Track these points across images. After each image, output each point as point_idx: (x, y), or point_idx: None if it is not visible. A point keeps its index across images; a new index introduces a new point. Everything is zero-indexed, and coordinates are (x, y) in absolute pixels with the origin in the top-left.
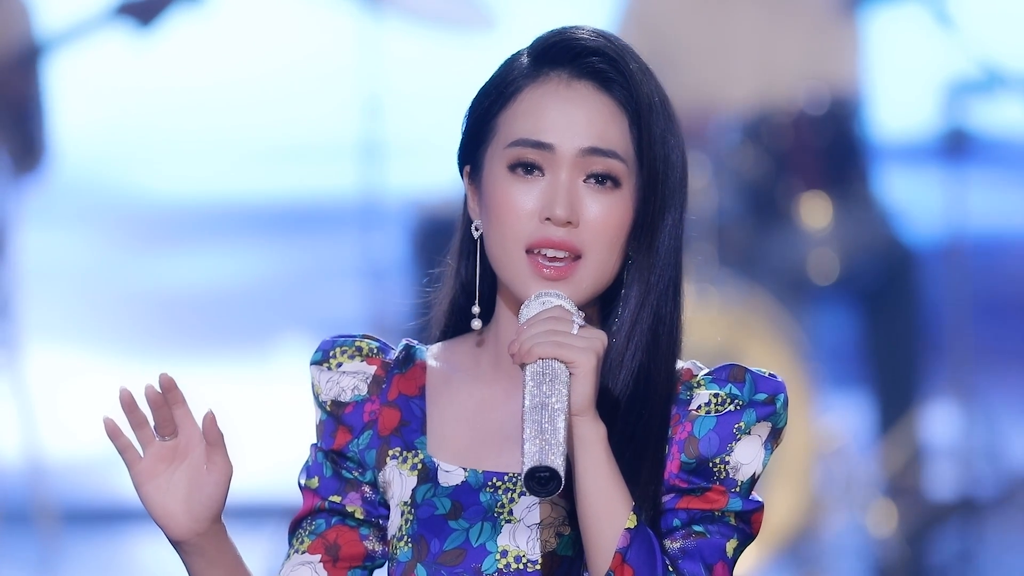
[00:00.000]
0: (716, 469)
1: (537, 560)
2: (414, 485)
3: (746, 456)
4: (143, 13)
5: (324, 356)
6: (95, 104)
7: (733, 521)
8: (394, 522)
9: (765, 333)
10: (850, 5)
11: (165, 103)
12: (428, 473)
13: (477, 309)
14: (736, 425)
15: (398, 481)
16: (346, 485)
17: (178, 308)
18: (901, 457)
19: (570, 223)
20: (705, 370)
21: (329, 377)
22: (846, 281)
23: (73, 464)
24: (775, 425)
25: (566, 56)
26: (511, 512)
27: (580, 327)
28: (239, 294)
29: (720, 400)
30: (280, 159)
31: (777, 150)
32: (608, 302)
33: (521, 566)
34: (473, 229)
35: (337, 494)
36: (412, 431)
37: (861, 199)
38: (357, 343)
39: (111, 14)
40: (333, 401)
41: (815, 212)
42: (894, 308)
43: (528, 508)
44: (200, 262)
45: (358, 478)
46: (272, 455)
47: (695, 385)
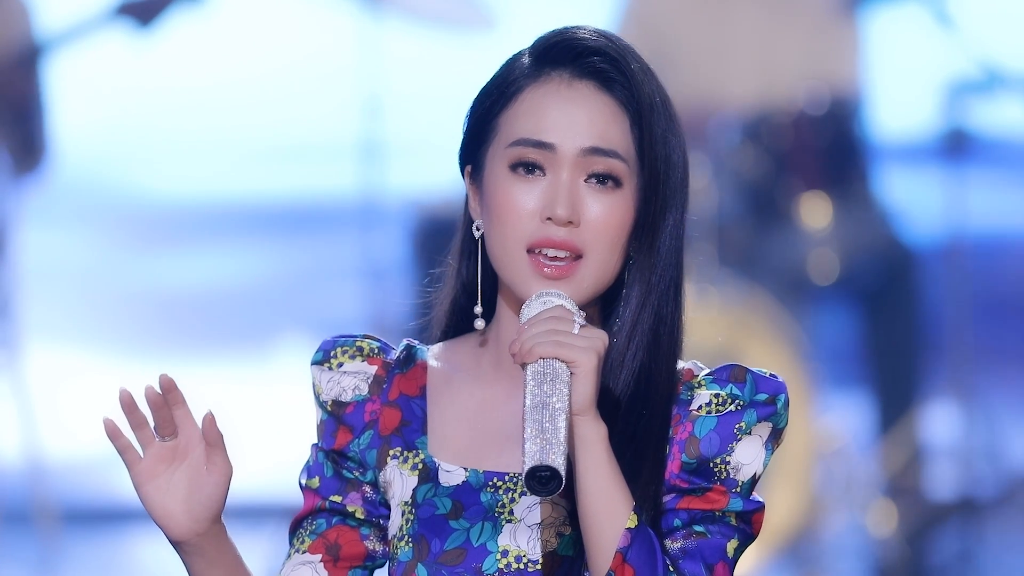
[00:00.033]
0: (717, 469)
1: (538, 560)
2: (415, 485)
3: (747, 456)
4: (143, 13)
5: (325, 356)
6: (95, 104)
7: (734, 521)
8: (395, 522)
9: (765, 333)
10: (850, 5)
11: (165, 103)
12: (429, 473)
13: (480, 309)
14: (737, 425)
15: (399, 481)
16: (347, 485)
17: (178, 308)
18: (901, 457)
19: (571, 223)
20: (706, 370)
21: (330, 377)
22: (846, 281)
23: (73, 464)
24: (776, 425)
25: (568, 56)
26: (512, 512)
27: (581, 327)
28: (239, 294)
29: (721, 400)
30: (280, 159)
31: (777, 150)
32: (609, 302)
33: (522, 566)
34: (474, 229)
35: (338, 494)
36: (413, 431)
37: (861, 199)
38: (358, 343)
39: (111, 14)
40: (334, 401)
41: (815, 212)
42: (894, 308)
43: (529, 508)
44: (200, 262)
45: (359, 478)
46: (272, 455)
47: (696, 385)
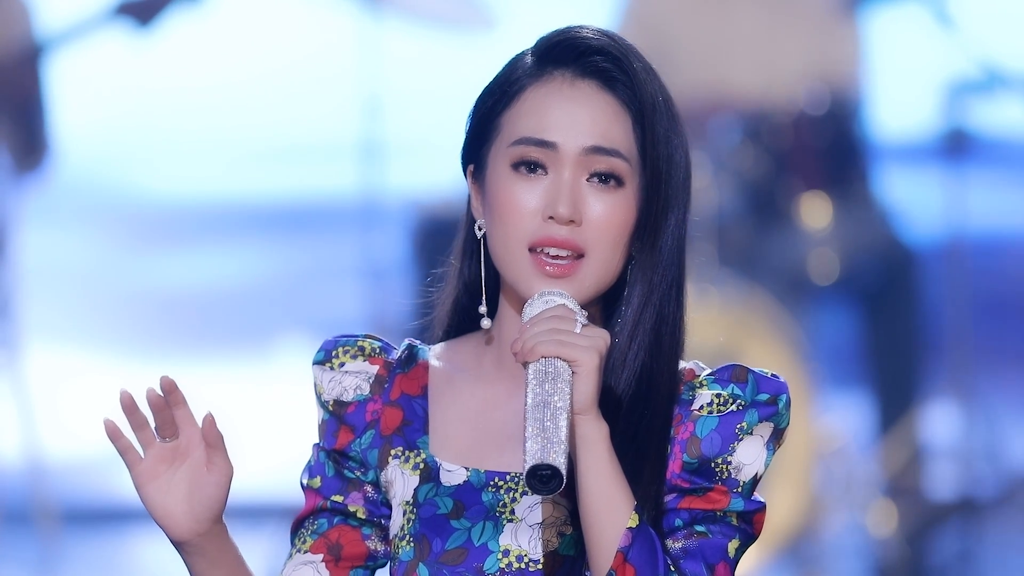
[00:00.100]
0: (718, 469)
1: (539, 559)
2: (416, 484)
3: (748, 456)
4: (142, 13)
5: (326, 356)
6: (95, 104)
7: (735, 521)
8: (396, 521)
9: (765, 333)
10: (850, 5)
11: (165, 103)
12: (430, 472)
13: (484, 308)
14: (738, 425)
15: (400, 481)
16: (348, 485)
17: (178, 308)
18: (901, 457)
19: (573, 222)
20: (707, 370)
21: (331, 377)
22: (846, 281)
23: (73, 464)
24: (777, 425)
25: (570, 55)
26: (513, 511)
27: (583, 326)
28: (239, 294)
29: (722, 400)
30: (280, 159)
31: (777, 150)
32: (611, 301)
33: (523, 565)
34: (476, 228)
35: (339, 494)
36: (414, 431)
37: (861, 199)
38: (359, 343)
39: (110, 14)
40: (335, 401)
41: (815, 212)
42: (894, 308)
43: (530, 507)
44: (200, 262)
45: (360, 478)
46: (272, 455)
47: (697, 385)
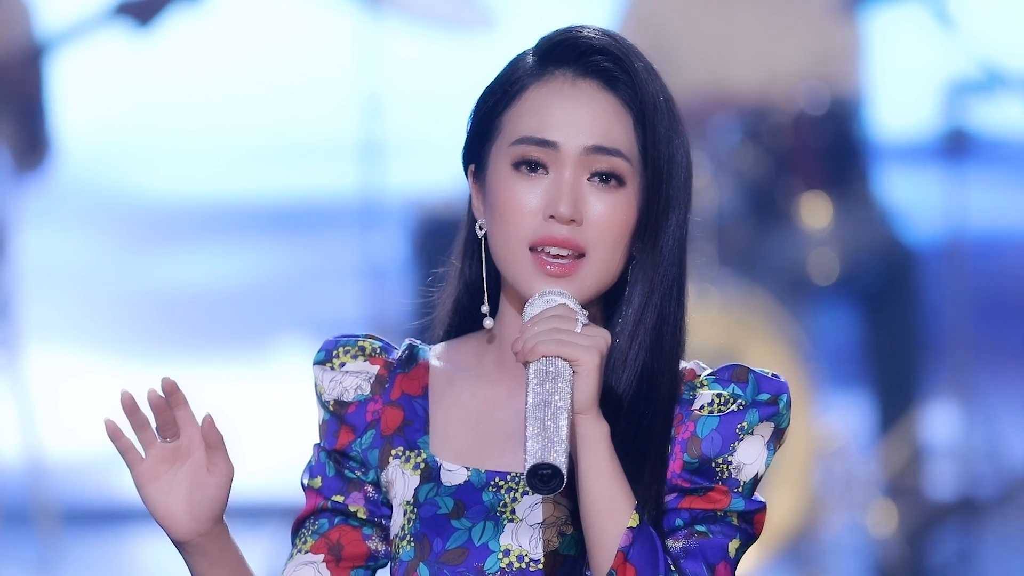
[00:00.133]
0: (719, 469)
1: (539, 559)
2: (417, 484)
3: (749, 456)
4: (142, 13)
5: (327, 356)
6: (95, 104)
7: (735, 521)
8: (396, 521)
9: (765, 333)
10: (850, 5)
11: (165, 103)
12: (431, 472)
13: (486, 308)
14: (739, 425)
15: (401, 480)
16: (349, 485)
17: (178, 308)
18: (901, 457)
19: (574, 221)
20: (708, 370)
21: (332, 377)
22: (846, 281)
23: (73, 464)
24: (778, 425)
25: (571, 55)
26: (513, 511)
27: (584, 325)
28: (239, 294)
29: (723, 400)
30: (280, 159)
31: (777, 150)
32: (612, 301)
33: (523, 565)
34: (477, 228)
35: (340, 494)
36: (415, 430)
37: (861, 199)
38: (360, 343)
39: (110, 14)
40: (336, 401)
41: (815, 212)
42: (894, 308)
43: (530, 507)
44: (200, 262)
45: (361, 478)
46: (272, 455)
47: (698, 385)
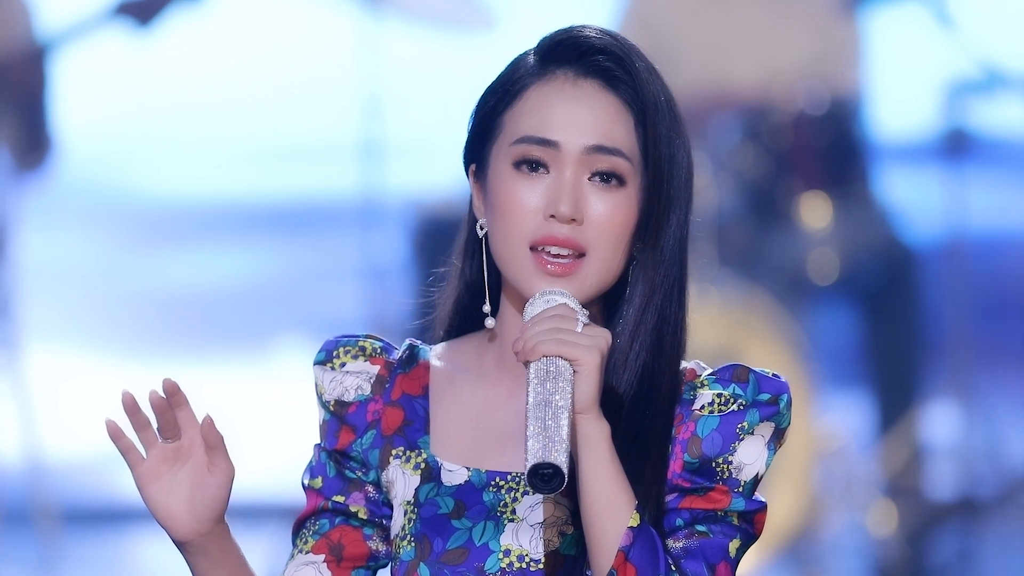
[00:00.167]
0: (719, 469)
1: (540, 559)
2: (417, 484)
3: (749, 456)
4: (142, 13)
5: (327, 356)
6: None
7: (736, 521)
8: (397, 521)
9: (765, 333)
10: (850, 5)
11: (165, 103)
12: (431, 472)
13: (488, 308)
14: (739, 425)
15: (401, 480)
16: (349, 485)
17: (178, 308)
18: (901, 457)
19: (574, 220)
20: (709, 370)
21: (332, 377)
22: (846, 281)
23: (73, 464)
24: (778, 425)
25: (572, 54)
26: (514, 511)
27: (585, 325)
28: (239, 294)
29: (723, 400)
30: (280, 159)
31: (777, 150)
32: (612, 301)
33: (524, 565)
34: (478, 228)
35: (340, 494)
36: (415, 430)
37: (861, 199)
38: (360, 343)
39: (110, 14)
40: (336, 401)
41: (815, 212)
42: (894, 308)
43: (531, 507)
44: (200, 262)
45: (361, 478)
46: (272, 455)
47: (698, 385)
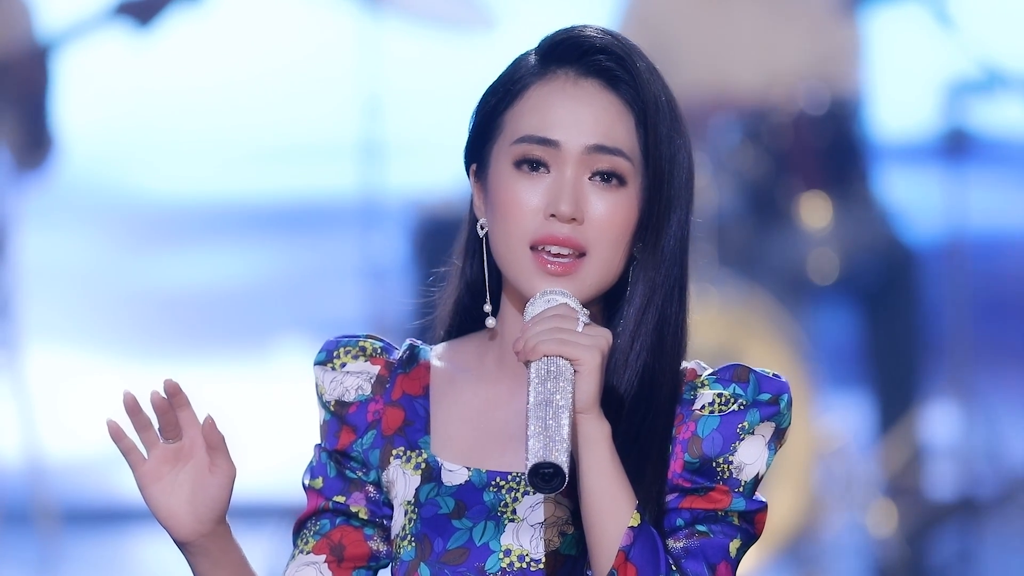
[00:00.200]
0: (720, 469)
1: (540, 559)
2: (418, 484)
3: (750, 456)
4: (142, 13)
5: (328, 356)
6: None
7: (736, 521)
8: (397, 521)
9: (765, 333)
10: (850, 5)
11: (165, 103)
12: (432, 472)
13: (489, 307)
14: (740, 425)
15: (402, 480)
16: (350, 485)
17: (178, 308)
18: (901, 457)
19: (575, 220)
20: (709, 370)
21: (333, 377)
22: (846, 281)
23: (73, 464)
24: (779, 425)
25: (573, 54)
26: (514, 511)
27: (585, 325)
28: (239, 294)
29: (724, 400)
30: (280, 159)
31: (777, 150)
32: (612, 302)
33: (524, 565)
34: (479, 228)
35: (341, 494)
36: (416, 431)
37: (861, 199)
38: (361, 343)
39: (110, 14)
40: (337, 401)
41: (815, 212)
42: (894, 308)
43: (531, 507)
44: (200, 262)
45: (362, 478)
46: (272, 455)
47: (699, 385)
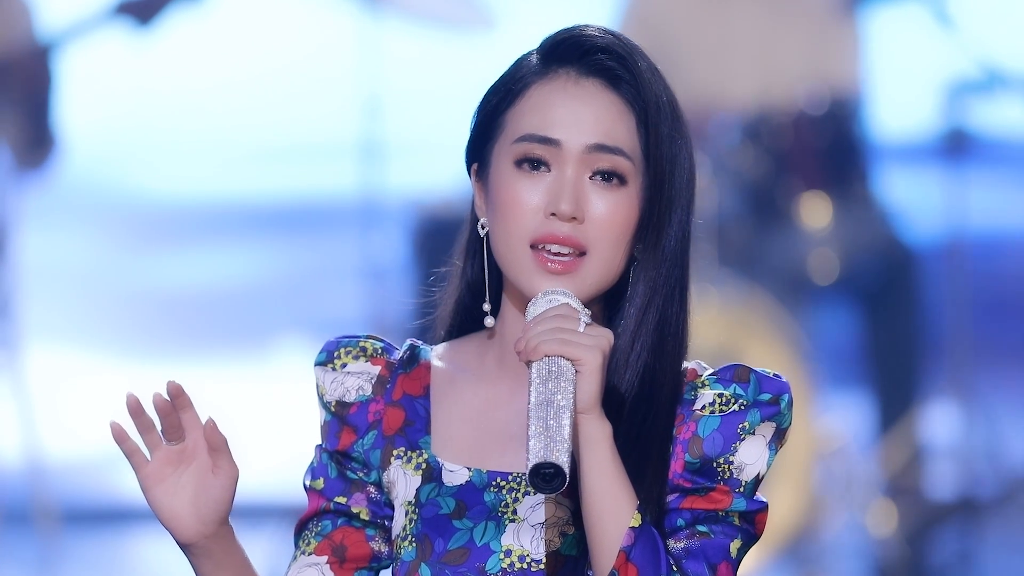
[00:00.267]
0: (720, 469)
1: (541, 559)
2: (418, 485)
3: (750, 456)
4: (142, 12)
5: (328, 357)
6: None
7: (737, 521)
8: (398, 522)
9: (765, 333)
10: (850, 5)
11: (165, 103)
12: (432, 473)
13: (488, 306)
14: (740, 425)
15: (402, 481)
16: (351, 486)
17: (178, 308)
18: (901, 457)
19: (575, 219)
20: (709, 370)
21: (334, 378)
22: (846, 281)
23: (73, 464)
24: (779, 425)
25: (575, 53)
26: (515, 511)
27: (587, 325)
28: (239, 294)
29: (724, 400)
30: (280, 159)
31: (777, 150)
32: (613, 302)
33: (525, 565)
34: (479, 227)
35: (342, 495)
36: (416, 431)
37: (861, 199)
38: (361, 343)
39: (110, 13)
40: (337, 402)
41: (815, 212)
42: (894, 308)
43: (532, 507)
44: (200, 262)
45: (363, 479)
46: (272, 455)
47: (699, 385)
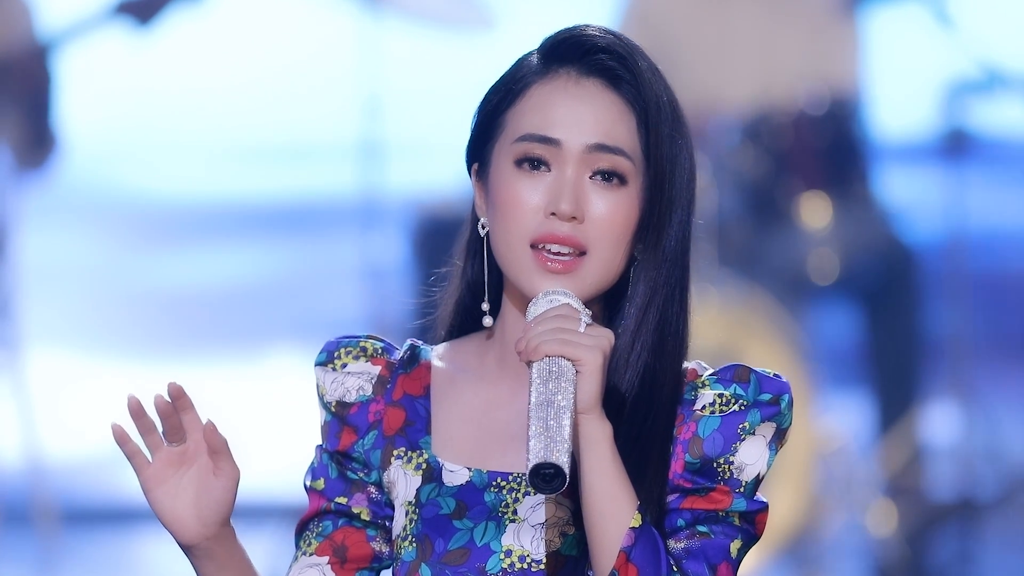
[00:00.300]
0: (720, 469)
1: (541, 560)
2: (419, 485)
3: (750, 456)
4: (142, 12)
5: (329, 357)
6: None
7: (737, 521)
8: (399, 522)
9: (765, 333)
10: (850, 5)
11: (164, 103)
12: (433, 473)
13: (487, 306)
14: (740, 425)
15: (403, 481)
16: (352, 486)
17: (178, 308)
18: (901, 457)
19: (575, 218)
20: (710, 370)
21: (334, 378)
22: (846, 281)
23: (73, 464)
24: (780, 425)
25: (575, 53)
26: (515, 512)
27: (587, 325)
28: (239, 294)
29: (725, 400)
30: (280, 159)
31: (777, 150)
32: (614, 302)
33: (525, 566)
34: (480, 227)
35: (343, 495)
36: (417, 431)
37: (861, 199)
38: (362, 343)
39: (110, 13)
40: (338, 402)
41: (815, 212)
42: (894, 308)
43: (532, 508)
44: (200, 262)
45: (363, 479)
46: (272, 455)
47: (700, 385)
